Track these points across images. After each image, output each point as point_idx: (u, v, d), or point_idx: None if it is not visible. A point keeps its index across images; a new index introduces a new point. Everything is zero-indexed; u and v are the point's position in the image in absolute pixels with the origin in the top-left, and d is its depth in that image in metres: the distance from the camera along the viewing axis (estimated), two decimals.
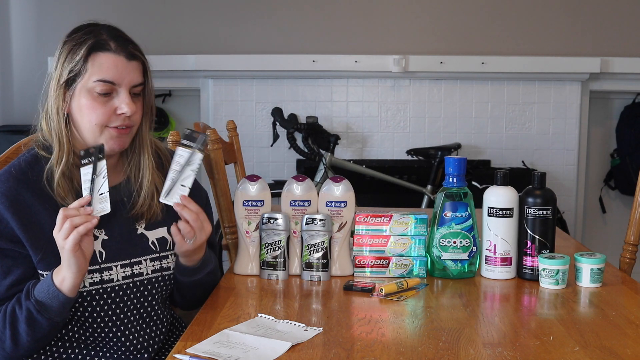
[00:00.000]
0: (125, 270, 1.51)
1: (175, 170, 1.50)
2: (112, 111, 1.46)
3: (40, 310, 1.38)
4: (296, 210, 1.71)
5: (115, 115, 1.46)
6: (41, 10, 4.07)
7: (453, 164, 1.68)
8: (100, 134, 1.47)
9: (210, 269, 1.60)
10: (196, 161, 1.50)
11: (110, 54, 1.45)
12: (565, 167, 4.05)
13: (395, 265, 1.68)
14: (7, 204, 1.42)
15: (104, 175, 1.43)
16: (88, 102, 1.45)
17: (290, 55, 3.95)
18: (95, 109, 1.45)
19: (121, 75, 1.45)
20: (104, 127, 1.46)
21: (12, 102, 4.08)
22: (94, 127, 1.46)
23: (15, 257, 1.44)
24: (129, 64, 1.46)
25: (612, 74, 3.97)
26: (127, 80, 1.46)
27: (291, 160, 4.03)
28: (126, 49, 1.46)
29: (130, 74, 1.46)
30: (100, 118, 1.45)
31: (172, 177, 1.50)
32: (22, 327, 1.40)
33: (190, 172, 1.49)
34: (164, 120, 4.05)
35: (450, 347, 1.24)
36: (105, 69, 1.44)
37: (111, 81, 1.44)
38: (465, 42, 4.01)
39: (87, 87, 1.44)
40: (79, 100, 1.46)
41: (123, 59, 1.46)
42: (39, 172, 1.46)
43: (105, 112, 1.45)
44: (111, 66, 1.44)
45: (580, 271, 1.62)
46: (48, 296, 1.38)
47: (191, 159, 1.50)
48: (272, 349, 1.22)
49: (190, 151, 1.50)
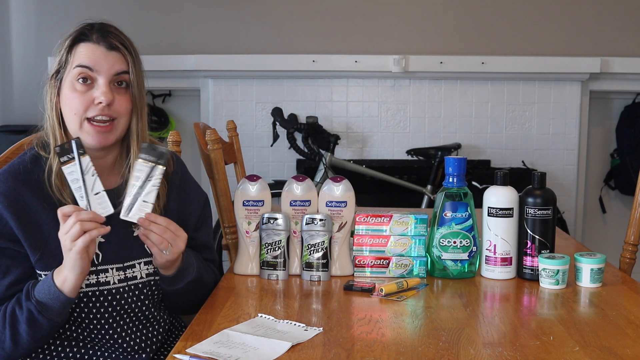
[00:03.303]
0: (120, 273, 1.50)
1: (134, 186, 1.43)
2: (90, 101, 1.44)
3: (41, 311, 1.38)
4: (296, 210, 1.70)
5: (94, 105, 1.44)
6: (41, 10, 4.07)
7: (453, 164, 1.68)
8: (80, 127, 1.45)
9: (190, 278, 1.55)
10: (157, 175, 1.43)
11: (90, 43, 1.46)
12: (565, 167, 4.05)
13: (395, 265, 1.68)
14: (7, 204, 1.42)
15: (93, 173, 1.39)
16: (69, 92, 1.45)
17: (290, 55, 3.95)
18: (74, 98, 1.45)
19: (99, 62, 1.45)
20: (83, 119, 1.45)
21: (12, 102, 4.08)
22: (74, 117, 1.45)
23: (14, 256, 1.44)
24: (109, 54, 1.46)
25: (612, 74, 3.97)
26: (106, 68, 1.45)
27: (291, 160, 4.03)
28: (106, 40, 1.47)
29: (109, 63, 1.46)
30: (78, 108, 1.44)
31: (131, 193, 1.43)
32: (22, 328, 1.40)
33: (152, 188, 1.43)
34: (164, 120, 4.04)
35: (450, 347, 1.24)
36: (83, 56, 1.45)
37: (88, 66, 1.44)
38: (465, 42, 4.01)
39: (69, 78, 1.46)
40: (63, 92, 1.47)
41: (102, 48, 1.46)
42: (39, 171, 1.46)
43: (83, 102, 1.44)
44: (89, 53, 1.45)
45: (580, 271, 1.62)
46: (49, 297, 1.38)
47: (151, 174, 1.43)
48: (272, 349, 1.22)
49: (149, 165, 1.44)
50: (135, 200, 1.42)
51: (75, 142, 1.39)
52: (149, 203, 1.42)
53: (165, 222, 1.43)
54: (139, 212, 1.42)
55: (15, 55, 4.09)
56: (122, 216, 1.42)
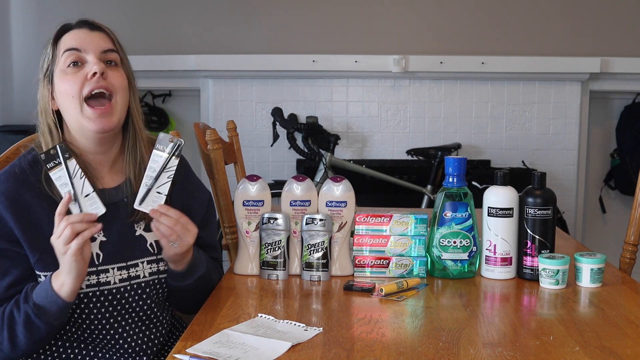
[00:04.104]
0: (122, 272, 1.50)
1: (149, 177, 1.44)
2: (83, 77, 1.45)
3: (38, 314, 1.38)
4: (296, 210, 1.70)
5: (88, 81, 1.44)
6: (41, 10, 4.07)
7: (453, 164, 1.68)
8: (81, 111, 1.45)
9: (200, 273, 1.56)
10: (172, 167, 1.44)
11: (72, 31, 1.49)
12: (565, 167, 4.05)
13: (395, 265, 1.68)
14: (7, 204, 1.42)
15: (81, 175, 1.39)
16: (61, 79, 1.46)
17: (290, 55, 3.95)
18: (68, 80, 1.45)
19: (85, 41, 1.47)
20: (81, 101, 1.44)
21: (12, 102, 4.08)
22: (72, 101, 1.45)
23: (13, 257, 1.44)
24: (92, 33, 1.49)
25: (612, 74, 3.98)
26: (93, 46, 1.47)
27: (291, 160, 4.03)
28: (87, 24, 1.50)
29: (94, 41, 1.48)
30: (73, 87, 1.44)
31: (146, 183, 1.44)
32: (20, 330, 1.40)
33: (167, 179, 1.44)
34: (164, 120, 4.05)
35: (450, 347, 1.24)
36: (69, 41, 1.47)
37: (76, 47, 1.46)
38: (465, 42, 4.01)
39: (59, 69, 1.46)
40: (56, 86, 1.47)
41: (85, 29, 1.49)
42: (39, 172, 1.46)
43: (76, 80, 1.44)
44: (74, 37, 1.48)
45: (580, 271, 1.62)
46: (46, 300, 1.37)
47: (167, 165, 1.44)
48: (272, 349, 1.22)
49: (165, 156, 1.45)
50: (149, 191, 1.44)
51: (60, 147, 1.40)
52: (163, 195, 1.44)
53: (176, 214, 1.45)
54: (152, 202, 1.43)
55: (15, 55, 4.09)
56: (136, 206, 1.44)
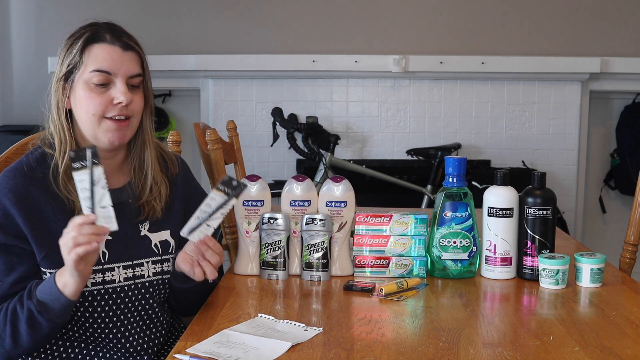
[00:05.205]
0: (127, 271, 1.51)
1: (204, 211, 1.45)
2: (109, 101, 1.46)
3: (41, 311, 1.38)
4: (296, 210, 1.70)
5: (112, 105, 1.46)
6: (41, 10, 4.07)
7: (453, 164, 1.68)
8: (99, 125, 1.46)
9: None
10: (228, 207, 1.46)
11: (105, 44, 1.46)
12: (565, 167, 4.05)
13: (395, 265, 1.68)
14: (14, 200, 1.42)
15: (103, 185, 1.35)
16: (85, 93, 1.46)
17: (290, 55, 3.95)
18: (92, 99, 1.45)
19: (117, 65, 1.46)
20: (101, 118, 1.46)
21: (12, 102, 4.08)
22: (92, 118, 1.46)
23: (19, 254, 1.44)
24: (125, 54, 1.47)
25: (612, 74, 3.97)
26: (123, 70, 1.47)
27: (291, 160, 4.03)
28: (121, 40, 1.48)
29: (126, 64, 1.47)
30: (97, 108, 1.45)
31: (199, 216, 1.44)
32: (22, 326, 1.40)
33: (219, 216, 1.45)
34: (164, 120, 4.05)
35: (450, 347, 1.24)
36: (101, 59, 1.46)
37: (107, 71, 1.45)
38: (465, 42, 4.01)
39: (84, 79, 1.46)
40: (77, 93, 1.47)
41: (118, 49, 1.47)
42: (46, 169, 1.46)
43: (101, 102, 1.45)
44: (107, 56, 1.46)
45: (580, 271, 1.62)
46: (50, 298, 1.38)
47: (224, 204, 1.45)
48: (272, 349, 1.22)
49: (225, 197, 1.45)
50: (200, 224, 1.44)
51: (92, 151, 1.37)
52: (212, 227, 1.45)
53: (219, 251, 1.47)
54: (200, 233, 1.44)
55: (15, 55, 4.09)
56: (182, 234, 1.45)
